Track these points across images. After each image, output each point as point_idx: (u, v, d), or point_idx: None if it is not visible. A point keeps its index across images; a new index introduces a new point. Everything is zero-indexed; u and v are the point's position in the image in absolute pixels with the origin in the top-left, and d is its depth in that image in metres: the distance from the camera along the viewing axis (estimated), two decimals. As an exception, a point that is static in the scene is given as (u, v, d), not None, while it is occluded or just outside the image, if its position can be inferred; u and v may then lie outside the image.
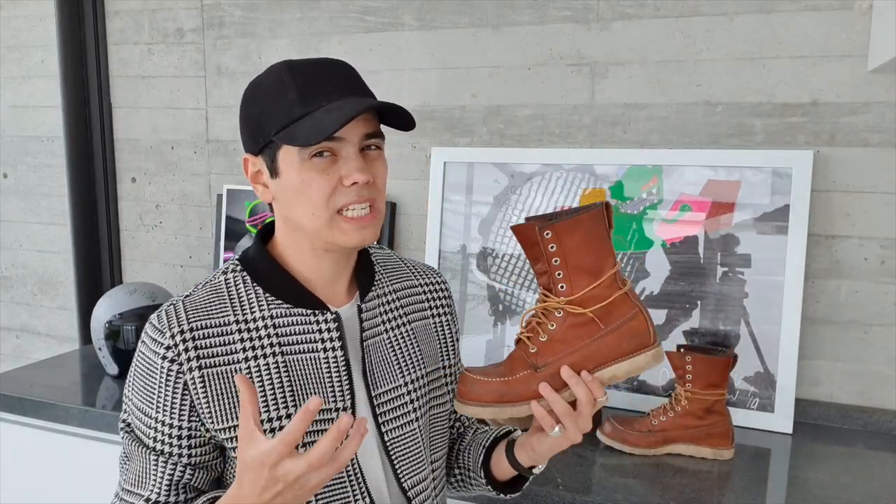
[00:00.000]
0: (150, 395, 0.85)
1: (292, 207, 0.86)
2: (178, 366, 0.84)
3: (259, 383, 0.86)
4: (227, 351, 0.85)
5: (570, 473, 1.30)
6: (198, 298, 0.88)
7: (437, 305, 1.04)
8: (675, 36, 1.61)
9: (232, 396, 0.85)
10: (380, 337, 0.94)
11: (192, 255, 2.18)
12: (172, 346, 0.84)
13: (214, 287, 0.90)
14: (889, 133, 1.48)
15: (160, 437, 0.85)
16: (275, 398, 0.86)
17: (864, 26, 1.47)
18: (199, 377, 0.84)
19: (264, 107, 0.85)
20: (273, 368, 0.86)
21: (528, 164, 1.72)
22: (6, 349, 2.48)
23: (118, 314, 1.78)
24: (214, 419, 0.84)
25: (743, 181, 1.55)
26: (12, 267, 2.43)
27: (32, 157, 2.33)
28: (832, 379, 1.57)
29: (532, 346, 0.87)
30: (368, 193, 0.85)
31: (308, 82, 0.83)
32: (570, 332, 0.86)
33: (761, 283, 1.53)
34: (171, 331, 0.84)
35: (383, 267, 1.01)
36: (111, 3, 2.15)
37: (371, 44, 1.87)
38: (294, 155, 0.83)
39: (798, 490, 1.26)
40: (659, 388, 1.61)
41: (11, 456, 1.75)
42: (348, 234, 0.85)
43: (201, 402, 0.84)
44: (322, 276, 0.91)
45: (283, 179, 0.86)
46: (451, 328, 1.05)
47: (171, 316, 0.86)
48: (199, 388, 0.84)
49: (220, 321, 0.86)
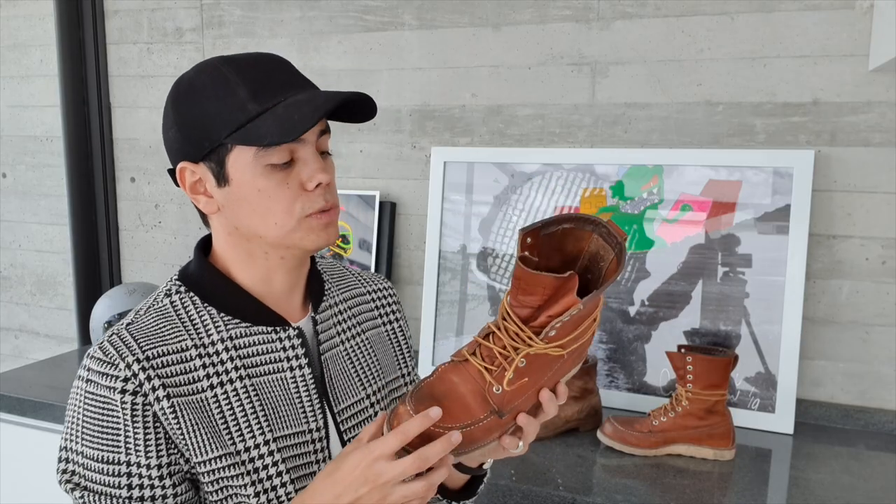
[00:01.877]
0: (114, 439, 0.75)
1: (247, 217, 0.79)
2: (142, 397, 0.75)
3: (230, 411, 0.79)
4: (191, 379, 0.78)
5: (571, 474, 1.30)
6: (144, 325, 0.80)
7: (388, 312, 1.00)
8: (675, 35, 1.60)
9: (207, 426, 0.78)
10: (336, 350, 0.90)
11: (191, 255, 2.17)
12: (131, 377, 0.75)
13: (160, 312, 0.81)
14: (890, 132, 1.48)
15: (138, 482, 0.75)
16: (248, 425, 0.80)
17: (865, 26, 1.47)
18: (169, 407, 0.76)
19: (207, 107, 0.76)
20: (243, 394, 0.80)
21: (529, 164, 1.71)
22: (5, 349, 2.47)
23: (117, 314, 1.78)
24: (195, 451, 0.77)
25: (744, 181, 1.55)
26: (11, 267, 2.43)
27: (31, 157, 2.33)
28: (833, 379, 1.57)
29: (496, 385, 0.74)
30: (332, 198, 0.81)
31: (257, 77, 0.76)
32: (535, 369, 0.75)
33: (762, 283, 1.53)
34: (124, 361, 0.75)
35: (330, 276, 0.96)
36: (110, 2, 2.15)
37: (371, 43, 1.87)
38: (248, 159, 0.76)
39: (799, 490, 1.25)
40: (660, 388, 1.60)
41: (11, 456, 1.74)
42: (317, 232, 0.79)
43: (177, 434, 0.76)
44: (275, 290, 0.85)
45: (234, 187, 0.78)
46: (402, 335, 1.01)
47: (118, 346, 0.76)
48: (171, 420, 0.76)
49: (177, 347, 0.79)
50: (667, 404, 1.43)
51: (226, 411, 0.79)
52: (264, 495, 0.80)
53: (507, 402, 0.74)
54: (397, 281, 1.91)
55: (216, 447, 0.78)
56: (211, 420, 0.78)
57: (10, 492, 1.76)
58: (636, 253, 1.63)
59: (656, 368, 1.60)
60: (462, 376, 0.75)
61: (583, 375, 1.48)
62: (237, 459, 0.79)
